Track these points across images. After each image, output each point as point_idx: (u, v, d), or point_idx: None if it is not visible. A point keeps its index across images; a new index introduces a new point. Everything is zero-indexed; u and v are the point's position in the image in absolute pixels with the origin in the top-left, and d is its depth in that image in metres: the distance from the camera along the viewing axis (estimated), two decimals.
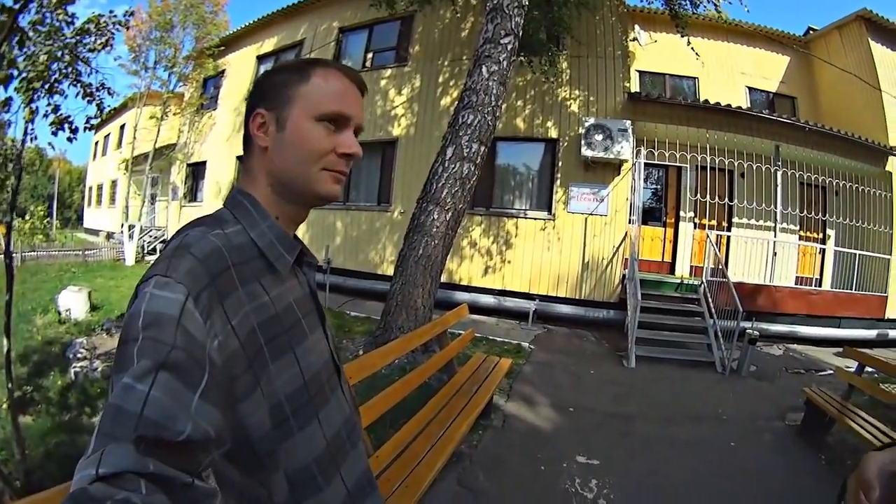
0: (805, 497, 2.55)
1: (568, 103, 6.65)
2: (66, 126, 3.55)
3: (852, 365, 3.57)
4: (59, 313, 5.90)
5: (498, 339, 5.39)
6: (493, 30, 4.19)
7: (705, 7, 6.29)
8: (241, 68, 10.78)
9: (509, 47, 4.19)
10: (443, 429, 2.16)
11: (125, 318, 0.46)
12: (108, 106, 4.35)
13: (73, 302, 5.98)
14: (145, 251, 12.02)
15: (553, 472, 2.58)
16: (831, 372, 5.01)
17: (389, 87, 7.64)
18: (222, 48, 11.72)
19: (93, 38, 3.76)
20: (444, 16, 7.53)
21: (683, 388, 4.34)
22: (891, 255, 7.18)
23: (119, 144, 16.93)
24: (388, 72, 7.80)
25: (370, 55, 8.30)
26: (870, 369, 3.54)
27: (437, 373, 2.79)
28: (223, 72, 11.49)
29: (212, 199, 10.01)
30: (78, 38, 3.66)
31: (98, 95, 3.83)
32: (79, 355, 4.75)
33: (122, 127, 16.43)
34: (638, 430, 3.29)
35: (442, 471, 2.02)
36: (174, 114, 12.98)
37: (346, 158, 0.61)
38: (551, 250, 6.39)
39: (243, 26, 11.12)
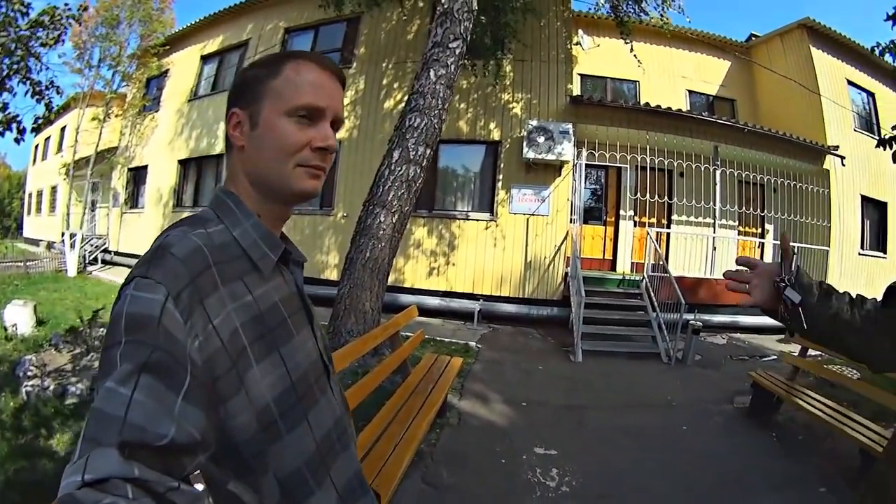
0: (762, 472, 2.62)
1: (511, 106, 6.67)
2: (13, 126, 3.26)
3: (795, 349, 3.72)
4: (6, 329, 5.48)
5: (445, 339, 5.36)
6: (442, 34, 4.19)
7: (649, 15, 6.46)
8: (184, 68, 10.32)
9: (457, 51, 4.21)
10: (404, 428, 2.18)
11: (108, 322, 0.46)
12: (56, 106, 4.06)
13: (19, 316, 5.56)
14: (87, 261, 11.30)
15: (514, 464, 2.62)
16: (775, 357, 5.24)
17: None
18: (167, 47, 11.20)
19: (45, 32, 3.48)
20: (391, 18, 7.43)
21: (631, 378, 4.44)
22: (829, 246, 7.58)
23: (60, 148, 15.93)
24: None
25: None
26: (813, 353, 3.69)
27: (391, 375, 2.79)
28: (167, 72, 10.98)
29: (153, 205, 9.51)
30: (32, 30, 3.38)
31: (47, 94, 3.55)
32: (29, 373, 4.43)
33: (64, 129, 15.47)
34: (591, 421, 3.35)
35: (406, 470, 2.07)
36: (116, 115, 12.30)
37: (321, 152, 0.58)
38: (495, 251, 6.40)
39: (188, 25, 10.70)
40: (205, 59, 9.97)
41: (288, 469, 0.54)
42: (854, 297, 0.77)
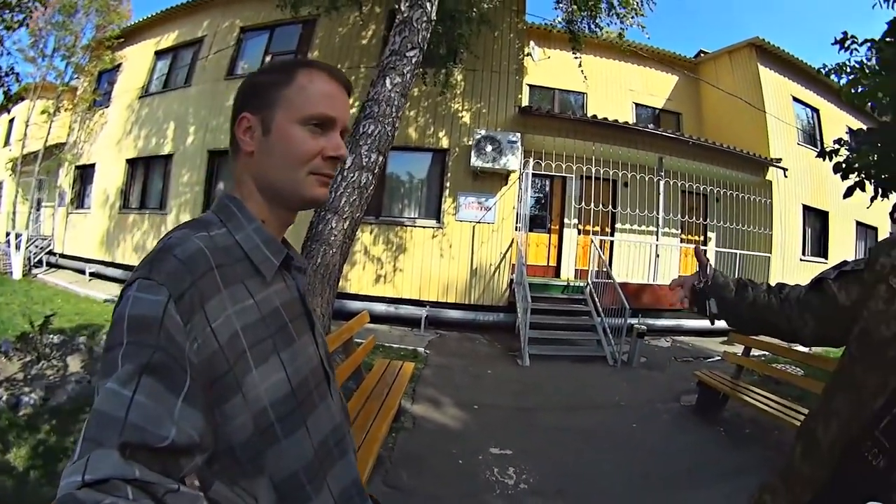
0: (713, 464, 2.72)
1: (460, 115, 6.71)
2: None
3: (739, 350, 3.88)
4: None
5: (394, 345, 5.37)
6: (401, 42, 4.18)
7: (604, 31, 6.58)
8: (137, 63, 9.96)
9: (414, 60, 4.21)
10: (364, 432, 2.19)
11: (110, 323, 0.45)
12: (12, 93, 3.79)
13: None
14: (32, 263, 10.78)
15: (471, 464, 2.67)
16: (719, 357, 5.43)
17: None
18: (121, 40, 10.78)
19: (10, 15, 3.25)
20: (347, 21, 7.35)
21: (579, 381, 4.53)
22: (770, 253, 7.92)
23: (7, 141, 15.11)
24: None
25: (269, 58, 7.94)
26: (756, 352, 3.86)
27: (345, 381, 2.80)
28: (119, 66, 10.56)
29: (99, 206, 9.13)
30: None
31: (6, 80, 3.31)
32: None
33: (12, 122, 14.68)
34: (543, 421, 3.43)
35: (370, 474, 2.08)
36: (66, 110, 11.76)
37: (332, 161, 0.60)
38: (441, 258, 6.43)
39: (144, 18, 10.32)
40: (158, 54, 9.65)
41: (285, 474, 0.53)
42: (772, 285, 0.89)
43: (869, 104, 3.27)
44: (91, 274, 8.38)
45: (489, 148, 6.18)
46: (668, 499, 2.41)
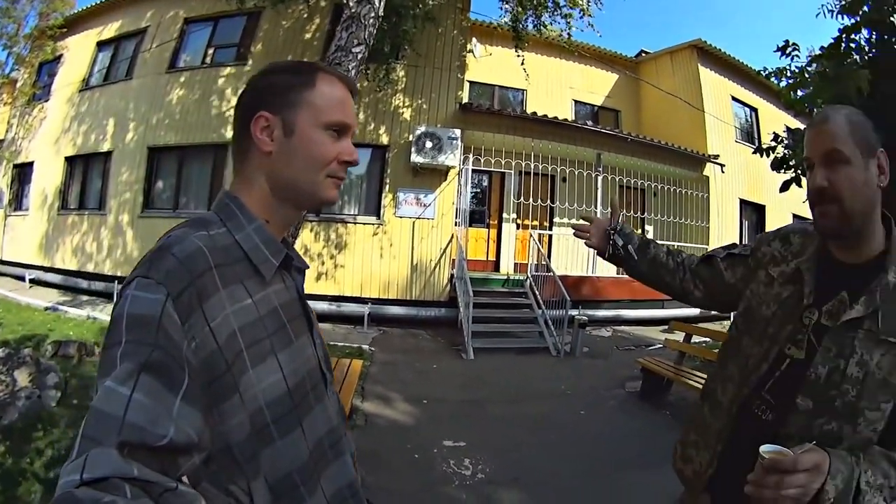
0: (661, 446, 2.83)
1: (401, 111, 6.77)
2: None
3: (679, 337, 4.06)
4: None
5: (339, 343, 5.38)
6: (347, 38, 4.13)
7: (549, 30, 6.72)
8: (79, 54, 9.56)
9: (359, 56, 4.17)
10: None
11: (110, 322, 0.45)
12: None
13: None
14: None
15: (427, 458, 2.70)
16: (660, 345, 5.63)
17: (227, 87, 7.23)
18: (64, 29, 10.30)
19: None
20: (292, 15, 7.27)
21: (524, 372, 4.63)
22: (707, 245, 8.32)
23: None
24: (227, 70, 7.38)
25: (211, 51, 7.79)
26: (696, 339, 4.04)
27: None
28: (61, 57, 10.11)
29: (37, 207, 8.77)
30: None
31: None
32: None
33: None
34: (492, 412, 3.51)
35: None
36: (5, 103, 11.19)
37: (345, 165, 0.61)
38: (382, 254, 6.51)
39: (88, 6, 9.88)
40: (101, 45, 9.28)
41: (279, 474, 0.53)
42: (672, 249, 1.05)
43: (808, 108, 3.40)
44: (31, 281, 8.05)
45: (429, 144, 6.28)
46: (620, 480, 2.52)
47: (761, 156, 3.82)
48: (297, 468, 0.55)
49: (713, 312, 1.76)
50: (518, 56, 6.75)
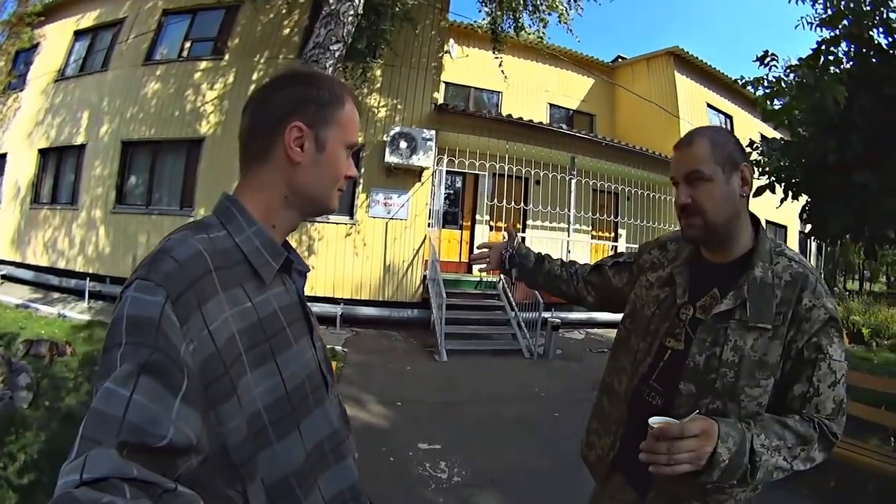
0: None
1: (376, 110, 6.80)
2: None
3: None
4: None
5: None
6: (325, 35, 4.16)
7: (528, 33, 6.78)
8: (56, 42, 9.38)
9: (337, 54, 4.20)
10: None
11: (110, 324, 0.46)
12: None
13: None
14: None
15: (402, 461, 2.69)
16: None
17: (202, 82, 7.18)
18: (42, 17, 10.09)
19: None
20: (269, 10, 7.24)
21: (498, 374, 4.68)
22: None
23: None
24: (203, 64, 7.32)
25: (188, 44, 7.72)
26: None
27: None
28: (37, 45, 9.91)
29: (9, 200, 8.61)
30: None
31: None
32: None
33: None
34: (467, 415, 3.53)
35: None
36: None
37: (349, 179, 0.66)
38: (355, 254, 6.54)
39: None
40: (78, 34, 9.12)
41: (276, 477, 0.54)
42: (565, 261, 1.20)
43: (785, 119, 3.50)
44: (2, 276, 7.94)
45: (404, 144, 6.32)
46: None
47: None
48: (294, 471, 0.56)
49: None
50: (496, 58, 6.81)
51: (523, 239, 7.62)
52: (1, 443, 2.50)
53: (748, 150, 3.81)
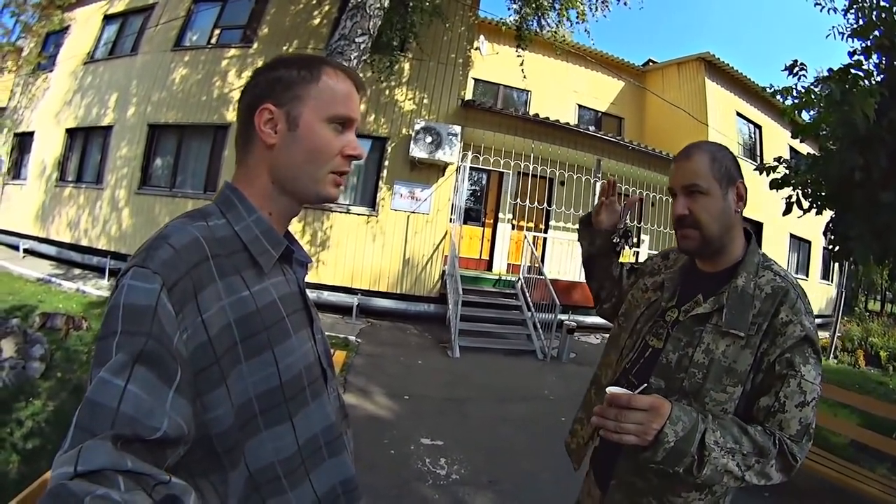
0: None
1: (402, 104, 6.75)
2: None
3: None
4: None
5: (326, 333, 5.39)
6: (351, 27, 4.15)
7: (553, 30, 6.70)
8: (86, 26, 9.53)
9: (362, 46, 4.19)
10: None
11: (105, 312, 0.45)
12: None
13: None
14: None
15: (402, 454, 2.69)
16: None
17: (231, 69, 7.21)
18: (73, 0, 10.27)
19: None
20: (301, 0, 7.26)
21: (509, 373, 4.63)
22: None
23: None
24: (232, 52, 7.35)
25: (218, 31, 7.76)
26: None
27: None
28: (68, 28, 10.08)
29: (35, 177, 8.76)
30: None
31: None
32: None
33: None
34: (473, 412, 3.49)
35: None
36: (10, 71, 11.16)
37: (349, 160, 0.61)
38: (374, 246, 6.50)
39: None
40: (108, 18, 9.26)
41: (261, 464, 0.53)
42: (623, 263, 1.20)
43: (814, 133, 3.45)
44: (25, 250, 8.07)
45: (429, 139, 6.26)
46: None
47: (762, 174, 3.81)
48: (281, 460, 0.55)
49: None
50: (518, 56, 6.73)
51: (545, 241, 7.52)
52: (10, 409, 2.56)
53: (775, 163, 3.76)
